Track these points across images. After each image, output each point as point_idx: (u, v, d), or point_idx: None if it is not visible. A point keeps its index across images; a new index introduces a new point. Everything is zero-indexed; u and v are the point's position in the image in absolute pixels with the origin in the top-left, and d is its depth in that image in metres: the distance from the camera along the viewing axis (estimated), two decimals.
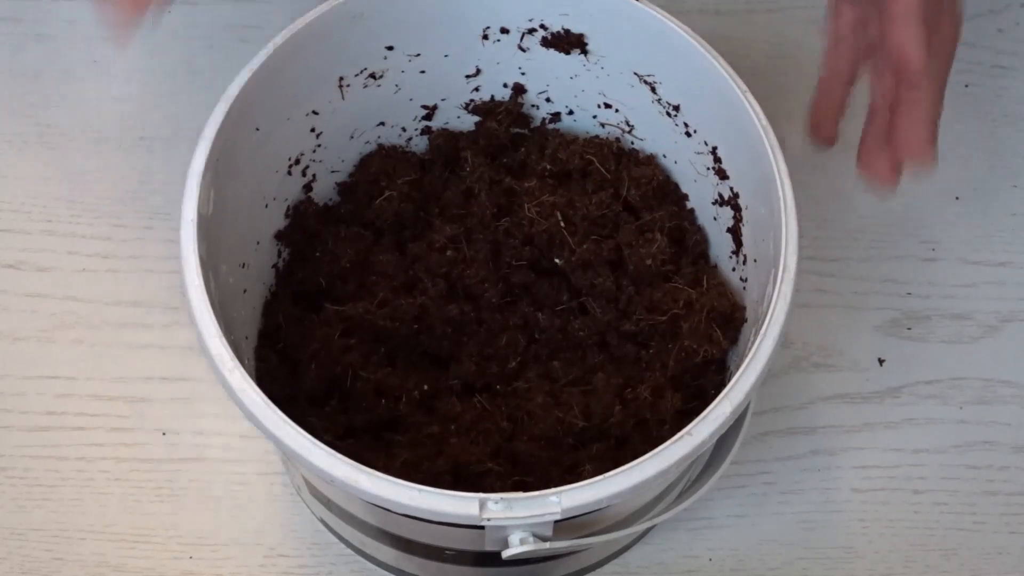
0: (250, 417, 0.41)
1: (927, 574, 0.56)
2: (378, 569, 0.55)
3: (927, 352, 0.61)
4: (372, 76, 0.54)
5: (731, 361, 0.51)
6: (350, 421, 0.51)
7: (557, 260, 0.55)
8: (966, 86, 0.68)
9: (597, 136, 0.57)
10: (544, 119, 0.58)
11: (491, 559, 0.44)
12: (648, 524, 0.47)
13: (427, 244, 0.55)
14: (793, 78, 0.66)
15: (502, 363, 0.54)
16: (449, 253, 0.55)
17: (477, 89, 0.57)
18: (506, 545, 0.41)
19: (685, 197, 0.56)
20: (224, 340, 0.42)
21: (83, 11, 0.69)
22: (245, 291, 0.51)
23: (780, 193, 0.45)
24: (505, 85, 0.57)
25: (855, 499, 0.57)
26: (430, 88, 0.56)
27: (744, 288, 0.52)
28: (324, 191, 0.57)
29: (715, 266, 0.55)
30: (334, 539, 0.55)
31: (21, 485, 0.56)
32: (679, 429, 0.41)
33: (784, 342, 0.45)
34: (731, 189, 0.52)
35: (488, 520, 0.40)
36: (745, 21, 0.69)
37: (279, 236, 0.55)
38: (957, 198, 0.65)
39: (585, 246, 0.54)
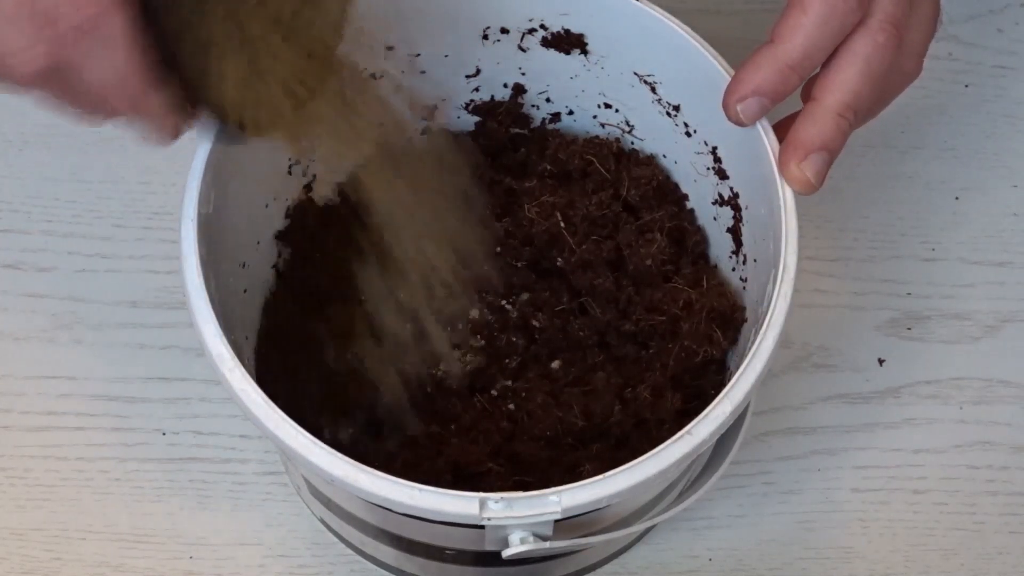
0: (250, 417, 0.41)
1: (927, 574, 0.56)
2: (378, 569, 0.55)
3: (927, 352, 0.61)
4: (372, 76, 0.54)
5: (731, 361, 0.51)
6: (350, 421, 0.51)
7: (557, 260, 0.55)
8: (966, 86, 0.68)
9: (597, 136, 0.57)
10: (544, 119, 0.58)
11: (491, 559, 0.44)
12: (648, 524, 0.47)
13: None
14: None
15: (502, 363, 0.54)
16: None
17: (477, 89, 0.57)
18: (506, 545, 0.41)
19: (685, 197, 0.56)
20: (224, 340, 0.42)
21: None
22: (245, 291, 0.51)
23: (780, 193, 0.45)
24: (505, 85, 0.57)
25: (855, 499, 0.57)
26: (430, 88, 0.56)
27: (744, 288, 0.52)
28: (324, 191, 0.57)
29: (715, 266, 0.55)
30: (334, 539, 0.55)
31: (21, 485, 0.56)
32: (679, 429, 0.41)
33: (784, 342, 0.45)
34: (731, 189, 0.52)
35: (488, 519, 0.40)
36: (745, 21, 0.69)
37: (279, 236, 0.55)
38: (957, 198, 0.65)
39: (585, 246, 0.54)
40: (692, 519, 0.56)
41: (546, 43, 0.54)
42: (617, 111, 0.56)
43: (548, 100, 0.57)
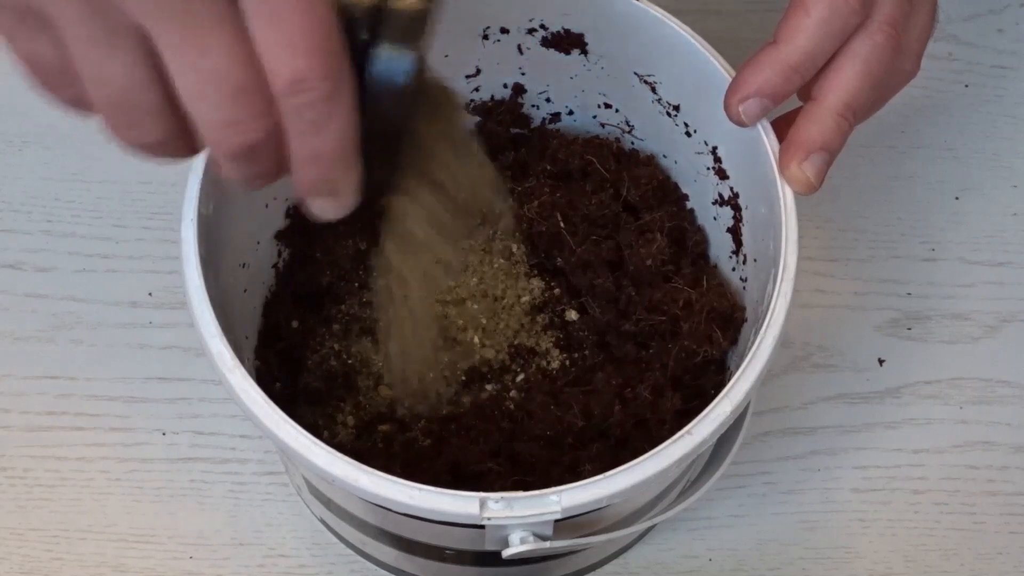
0: (251, 416, 0.41)
1: (927, 574, 0.56)
2: (378, 569, 0.55)
3: (927, 352, 0.61)
4: None
5: (731, 361, 0.51)
6: (350, 420, 0.51)
7: (557, 260, 0.55)
8: (966, 86, 0.68)
9: (597, 136, 0.57)
10: (544, 119, 0.58)
11: (491, 559, 0.44)
12: (648, 524, 0.47)
13: None
14: None
15: (503, 362, 0.54)
16: None
17: (477, 89, 0.57)
18: (506, 544, 0.41)
19: (685, 197, 0.56)
20: (224, 340, 0.42)
21: None
22: (245, 291, 0.51)
23: (780, 193, 0.45)
24: (505, 85, 0.57)
25: (855, 499, 0.57)
26: None
27: (744, 288, 0.52)
28: None
29: (715, 266, 0.55)
30: (334, 539, 0.55)
31: (21, 485, 0.56)
32: (679, 429, 0.41)
33: (784, 342, 0.45)
34: (731, 189, 0.52)
35: (488, 519, 0.40)
36: (745, 21, 0.69)
37: (279, 236, 0.55)
38: (957, 198, 0.65)
39: (585, 246, 0.54)
40: (692, 519, 0.56)
41: (546, 43, 0.54)
42: (617, 111, 0.56)
43: (548, 100, 0.57)
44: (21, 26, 0.32)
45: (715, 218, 0.54)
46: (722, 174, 0.52)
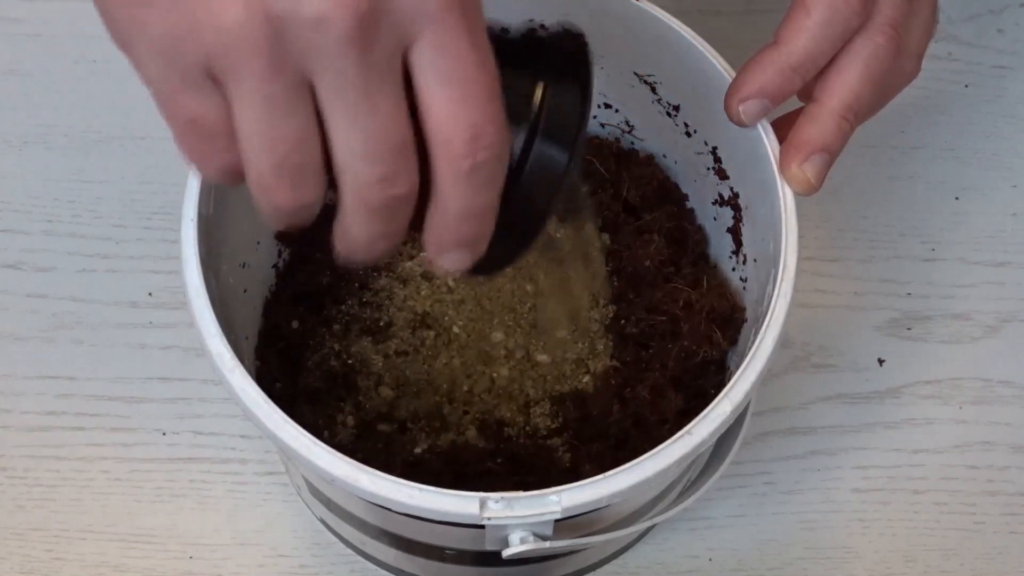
0: (251, 417, 0.41)
1: (927, 574, 0.56)
2: (378, 569, 0.55)
3: (927, 352, 0.61)
4: None
5: (731, 361, 0.51)
6: (350, 420, 0.51)
7: None
8: (966, 86, 0.68)
9: (597, 136, 0.57)
10: None
11: (491, 559, 0.44)
12: (648, 524, 0.47)
13: None
14: None
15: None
16: None
17: None
18: (506, 544, 0.41)
19: (685, 197, 0.56)
20: (224, 340, 0.42)
21: (83, 11, 0.69)
22: (245, 291, 0.51)
23: (780, 193, 0.45)
24: None
25: (855, 499, 0.57)
26: None
27: (744, 288, 0.52)
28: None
29: (715, 266, 0.55)
30: (334, 539, 0.55)
31: (21, 485, 0.56)
32: (679, 429, 0.41)
33: (784, 342, 0.45)
34: (731, 189, 0.52)
35: (488, 519, 0.40)
36: (745, 21, 0.69)
37: (279, 236, 0.55)
38: (957, 198, 0.65)
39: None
40: (692, 519, 0.56)
41: None
42: (617, 111, 0.56)
43: None
44: (188, 88, 0.32)
45: (715, 218, 0.54)
46: (722, 174, 0.52)
